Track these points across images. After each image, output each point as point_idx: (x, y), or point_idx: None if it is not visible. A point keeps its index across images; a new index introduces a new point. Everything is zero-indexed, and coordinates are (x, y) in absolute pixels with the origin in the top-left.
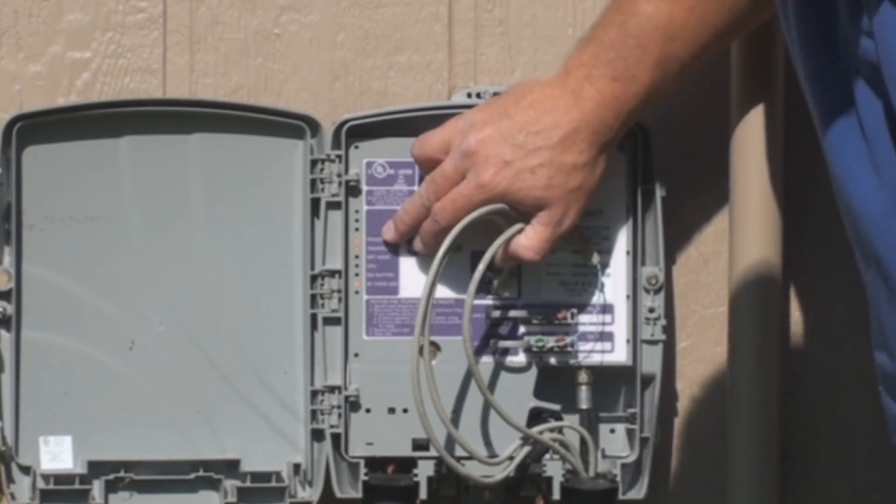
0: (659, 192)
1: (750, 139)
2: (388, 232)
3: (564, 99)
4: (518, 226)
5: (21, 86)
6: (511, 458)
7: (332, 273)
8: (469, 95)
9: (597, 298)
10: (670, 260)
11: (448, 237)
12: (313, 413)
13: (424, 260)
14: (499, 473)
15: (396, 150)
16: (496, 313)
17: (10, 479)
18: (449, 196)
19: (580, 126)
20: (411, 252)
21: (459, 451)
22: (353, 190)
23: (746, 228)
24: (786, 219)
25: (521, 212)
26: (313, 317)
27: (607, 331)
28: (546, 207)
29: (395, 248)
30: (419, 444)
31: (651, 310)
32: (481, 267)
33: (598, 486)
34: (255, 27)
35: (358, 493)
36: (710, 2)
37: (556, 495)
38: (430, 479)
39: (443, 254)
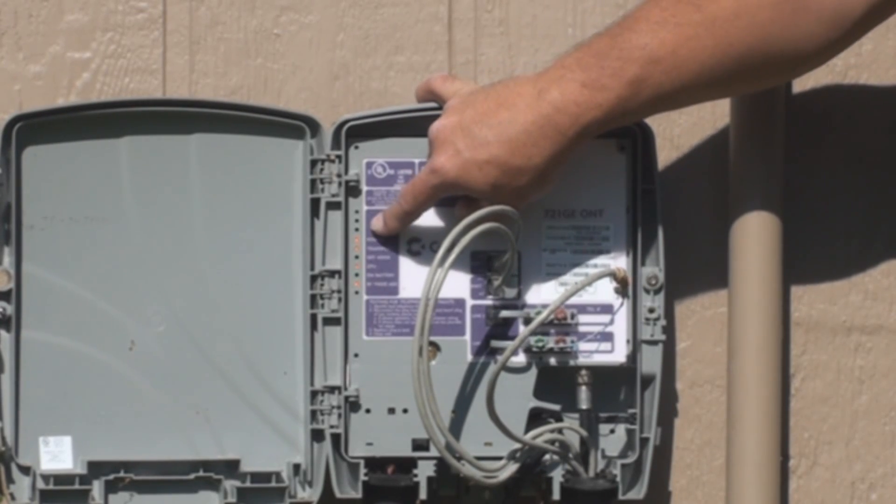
0: (659, 193)
1: (749, 139)
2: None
3: (527, 97)
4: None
5: (21, 86)
6: (512, 458)
7: (332, 273)
8: None
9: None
10: (670, 260)
11: (446, 239)
12: (313, 413)
13: (425, 260)
14: (499, 474)
15: (396, 150)
16: (496, 313)
17: (10, 480)
18: (411, 180)
19: (532, 129)
20: (411, 252)
21: (460, 452)
22: (352, 190)
23: (746, 228)
24: (785, 218)
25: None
26: (313, 317)
27: (607, 331)
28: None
29: (395, 248)
30: (419, 444)
31: (651, 310)
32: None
33: (598, 487)
34: (255, 27)
35: (358, 494)
36: (709, 42)
37: (556, 495)
38: (430, 479)
39: (442, 255)
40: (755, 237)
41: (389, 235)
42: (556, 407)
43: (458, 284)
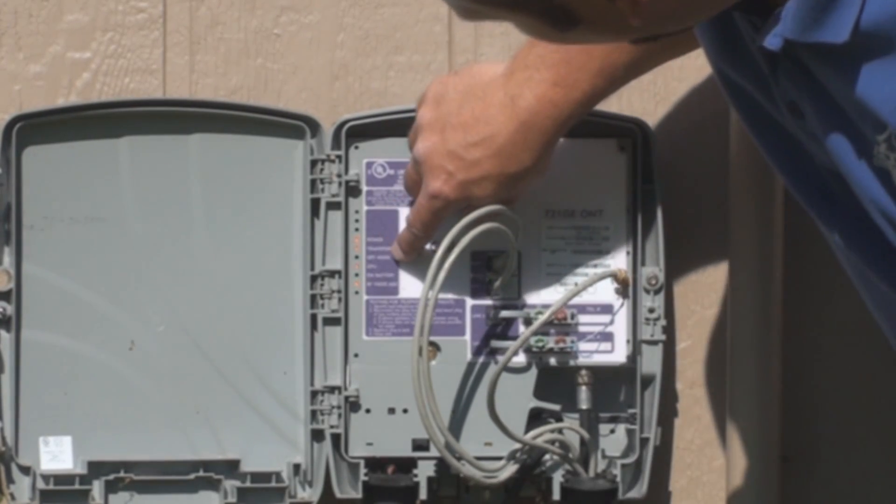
0: (659, 192)
1: (749, 139)
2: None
3: (502, 107)
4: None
5: (21, 86)
6: (512, 458)
7: (332, 273)
8: None
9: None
10: (670, 260)
11: (445, 239)
12: (313, 413)
13: (425, 260)
14: (499, 474)
15: (396, 150)
16: (496, 313)
17: (10, 480)
18: (414, 207)
19: (516, 138)
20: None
21: (460, 452)
22: (353, 190)
23: (746, 228)
24: (786, 218)
25: None
26: (313, 317)
27: (607, 331)
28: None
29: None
30: (419, 444)
31: (651, 310)
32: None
33: (598, 487)
34: (255, 27)
35: (358, 494)
36: None
37: (557, 495)
38: (430, 479)
39: (442, 255)
40: (755, 236)
41: (409, 261)
42: (557, 407)
43: (458, 284)
